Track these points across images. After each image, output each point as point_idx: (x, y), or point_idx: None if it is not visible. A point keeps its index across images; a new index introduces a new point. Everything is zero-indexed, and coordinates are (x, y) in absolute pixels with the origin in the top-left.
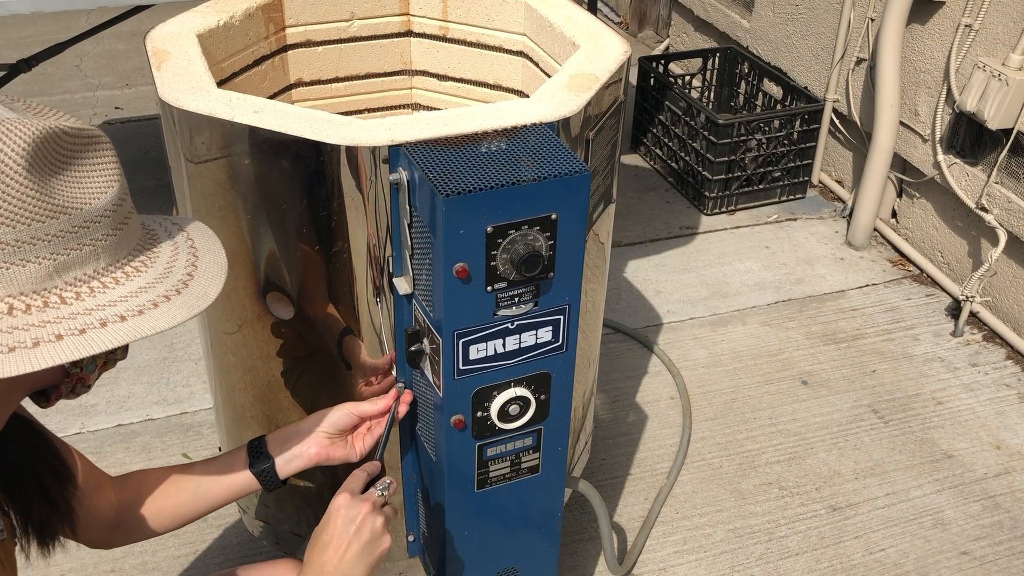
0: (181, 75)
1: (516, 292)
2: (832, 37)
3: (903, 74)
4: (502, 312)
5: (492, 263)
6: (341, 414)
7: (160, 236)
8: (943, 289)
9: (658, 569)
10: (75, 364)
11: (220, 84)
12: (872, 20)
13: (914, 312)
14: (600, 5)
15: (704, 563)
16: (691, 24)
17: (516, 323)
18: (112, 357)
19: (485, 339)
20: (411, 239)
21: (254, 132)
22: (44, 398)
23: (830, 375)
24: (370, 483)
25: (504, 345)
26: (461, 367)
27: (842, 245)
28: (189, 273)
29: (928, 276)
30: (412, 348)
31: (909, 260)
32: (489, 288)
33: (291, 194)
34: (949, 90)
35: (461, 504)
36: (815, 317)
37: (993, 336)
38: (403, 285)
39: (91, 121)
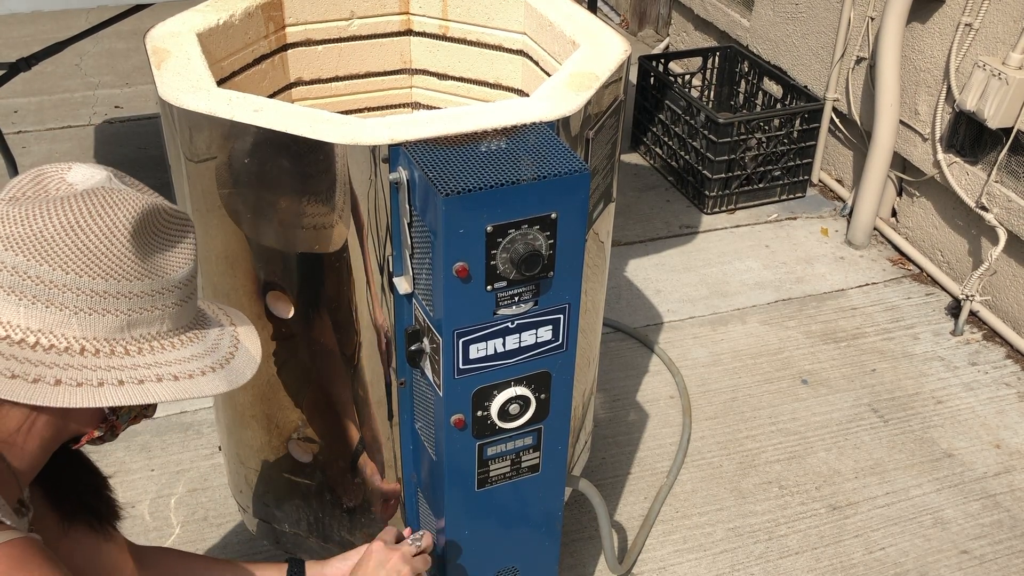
0: (181, 74)
1: (516, 291)
2: (832, 36)
3: (903, 73)
4: (502, 311)
5: (492, 262)
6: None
7: (210, 318)
8: (943, 288)
9: (658, 568)
10: (113, 412)
11: (220, 83)
12: (872, 19)
13: (914, 311)
14: (600, 4)
15: (704, 562)
16: (691, 23)
17: (516, 322)
18: (144, 414)
19: (485, 338)
20: (411, 238)
21: (254, 131)
22: (74, 440)
23: (830, 374)
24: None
25: (504, 344)
26: (461, 366)
27: (842, 244)
28: (231, 352)
29: (928, 275)
30: (412, 347)
31: (909, 259)
32: (489, 287)
33: (291, 193)
34: (949, 89)
35: (461, 503)
36: (815, 316)
37: (993, 335)
38: (403, 284)
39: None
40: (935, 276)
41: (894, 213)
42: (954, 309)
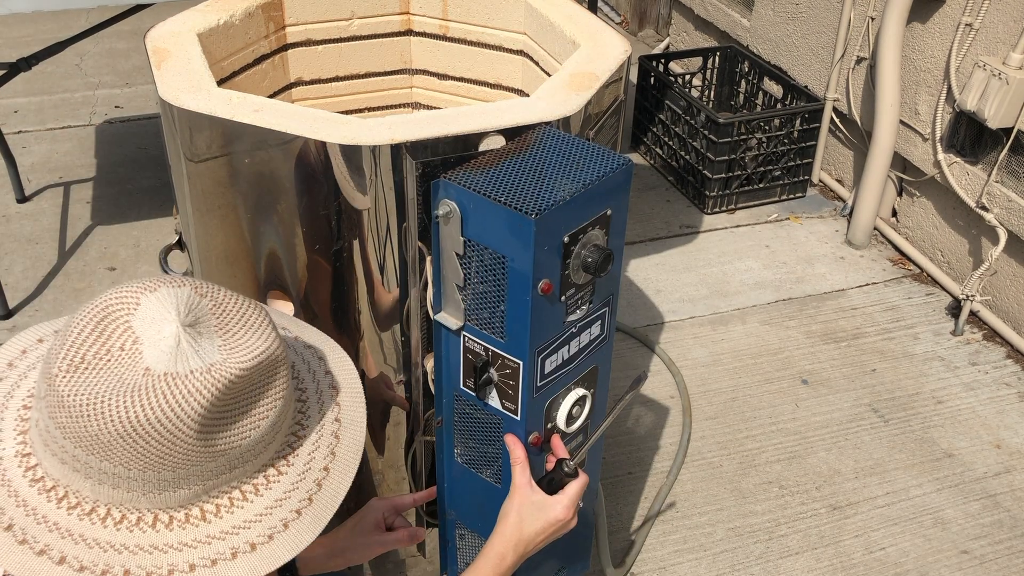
0: (181, 74)
1: (580, 295)
2: (832, 36)
3: (903, 73)
4: (570, 318)
5: (565, 271)
6: (373, 517)
7: (311, 408)
8: (943, 288)
9: (658, 568)
10: None
11: (220, 83)
12: (872, 19)
13: (914, 311)
14: (600, 4)
15: (704, 562)
16: (691, 23)
17: (578, 325)
18: None
19: (556, 348)
20: (467, 270)
21: (254, 131)
22: None
23: (830, 374)
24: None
25: (569, 350)
26: (539, 384)
27: (842, 244)
28: (326, 468)
29: (928, 275)
30: (482, 379)
31: (909, 259)
32: (563, 297)
33: (291, 193)
34: (949, 89)
35: None
36: (815, 316)
37: (993, 335)
38: (451, 320)
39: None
40: (935, 276)
41: (894, 213)
42: (954, 309)
